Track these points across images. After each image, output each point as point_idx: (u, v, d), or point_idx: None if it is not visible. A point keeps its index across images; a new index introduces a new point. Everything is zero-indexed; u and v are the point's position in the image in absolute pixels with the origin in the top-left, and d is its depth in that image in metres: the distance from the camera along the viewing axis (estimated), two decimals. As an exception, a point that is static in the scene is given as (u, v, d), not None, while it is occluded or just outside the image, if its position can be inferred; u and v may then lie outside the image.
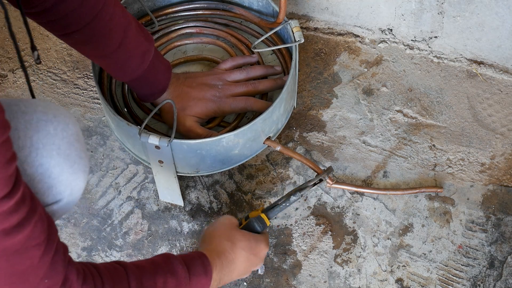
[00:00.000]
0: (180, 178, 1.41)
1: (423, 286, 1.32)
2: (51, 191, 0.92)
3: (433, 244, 1.36)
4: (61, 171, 0.92)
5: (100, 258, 1.37)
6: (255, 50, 1.46)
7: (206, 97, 1.36)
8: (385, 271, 1.34)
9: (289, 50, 1.47)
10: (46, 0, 1.09)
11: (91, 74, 1.57)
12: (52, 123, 0.91)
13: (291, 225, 1.39)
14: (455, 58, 1.57)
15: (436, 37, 1.56)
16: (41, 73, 1.60)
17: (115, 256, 1.37)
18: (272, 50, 1.50)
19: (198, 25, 1.53)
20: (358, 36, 1.64)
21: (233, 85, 1.40)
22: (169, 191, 1.38)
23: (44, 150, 0.90)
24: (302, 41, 1.39)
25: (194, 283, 1.04)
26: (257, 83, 1.41)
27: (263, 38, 1.46)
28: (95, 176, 1.46)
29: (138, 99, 1.38)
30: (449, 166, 1.44)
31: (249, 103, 1.38)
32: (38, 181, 0.90)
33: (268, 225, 1.22)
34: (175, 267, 1.02)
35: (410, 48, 1.60)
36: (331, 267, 1.34)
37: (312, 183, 1.26)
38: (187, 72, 1.44)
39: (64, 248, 0.88)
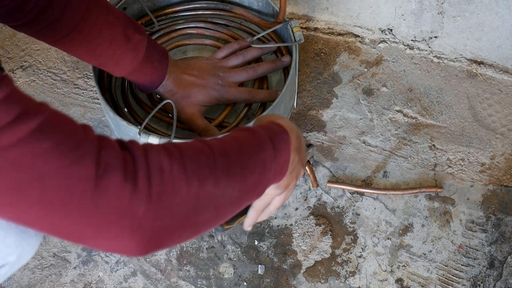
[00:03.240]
0: (180, 178, 1.41)
1: (423, 286, 1.32)
2: None
3: (433, 244, 1.36)
4: (5, 234, 0.87)
5: (100, 258, 1.37)
6: (253, 45, 1.46)
7: (209, 85, 1.37)
8: (385, 271, 1.34)
9: (289, 50, 1.47)
10: (30, 11, 1.08)
11: (91, 74, 1.57)
12: None
13: (291, 225, 1.39)
14: (455, 58, 1.57)
15: (436, 37, 1.56)
16: (41, 73, 1.60)
17: (115, 256, 1.37)
18: (273, 51, 1.50)
19: (198, 25, 1.53)
20: (358, 36, 1.64)
21: (233, 71, 1.40)
22: (169, 191, 1.38)
23: None
24: (302, 41, 1.39)
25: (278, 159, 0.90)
26: (256, 67, 1.42)
27: (260, 35, 1.46)
28: (95, 176, 1.46)
29: (141, 91, 1.38)
30: (449, 166, 1.44)
31: (252, 95, 1.40)
32: None
33: (225, 227, 1.09)
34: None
35: (410, 48, 1.60)
36: (331, 266, 1.34)
37: None
38: (185, 58, 1.45)
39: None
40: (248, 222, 1.06)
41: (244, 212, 1.05)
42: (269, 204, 1.03)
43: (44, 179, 0.67)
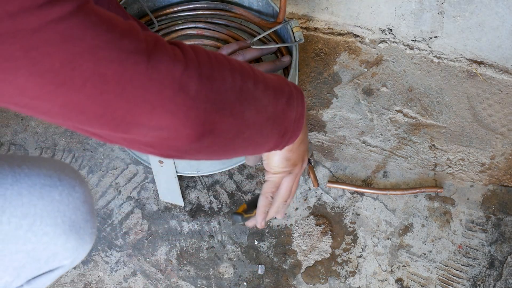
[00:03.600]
0: (180, 178, 1.41)
1: (423, 286, 1.32)
2: (56, 258, 0.89)
3: (433, 244, 1.36)
4: (66, 239, 0.88)
5: (100, 258, 1.37)
6: (253, 47, 1.46)
7: None
8: (385, 271, 1.34)
9: (289, 50, 1.47)
10: None
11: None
12: (57, 189, 0.87)
13: (291, 225, 1.39)
14: (455, 58, 1.57)
15: (436, 37, 1.56)
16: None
17: (115, 256, 1.37)
18: (273, 51, 1.50)
19: (198, 26, 1.53)
20: (358, 36, 1.64)
21: None
22: (169, 191, 1.38)
23: (49, 218, 0.86)
24: (302, 41, 1.39)
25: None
26: (256, 66, 1.42)
27: (260, 36, 1.46)
28: (95, 176, 1.46)
29: None
30: (449, 166, 1.44)
31: None
32: (43, 249, 0.87)
33: (245, 216, 1.09)
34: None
35: (410, 48, 1.60)
36: (331, 266, 1.34)
37: None
38: None
39: None
40: (260, 210, 1.05)
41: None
42: (279, 187, 1.03)
43: (96, 51, 0.66)
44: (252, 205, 1.07)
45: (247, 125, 0.81)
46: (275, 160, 0.97)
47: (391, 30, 1.60)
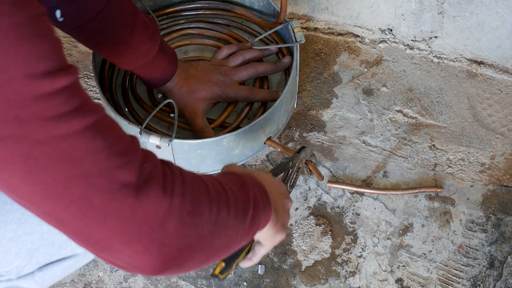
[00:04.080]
0: (181, 178, 1.41)
1: (423, 286, 1.32)
2: (69, 243, 0.89)
3: (433, 244, 1.36)
4: None
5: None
6: (255, 47, 1.47)
7: (212, 80, 1.38)
8: (385, 271, 1.34)
9: (290, 51, 1.47)
10: None
11: (91, 74, 1.57)
12: None
13: (291, 225, 1.39)
14: (455, 58, 1.58)
15: (436, 37, 1.56)
16: (41, 73, 1.60)
17: (115, 256, 1.37)
18: (274, 53, 1.50)
19: (199, 26, 1.54)
20: (358, 36, 1.64)
21: (234, 70, 1.41)
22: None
23: None
24: (303, 41, 1.39)
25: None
26: (257, 65, 1.43)
27: (261, 36, 1.46)
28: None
29: (149, 86, 1.38)
30: (449, 166, 1.45)
31: (252, 94, 1.41)
32: (58, 232, 0.86)
33: (221, 277, 1.07)
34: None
35: (410, 48, 1.60)
36: (331, 266, 1.35)
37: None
38: (185, 60, 1.47)
39: None
40: (254, 263, 1.10)
41: (236, 256, 1.07)
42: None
43: (91, 177, 0.67)
44: (230, 261, 1.07)
45: (215, 252, 0.83)
46: (269, 244, 1.02)
47: (391, 30, 1.60)
